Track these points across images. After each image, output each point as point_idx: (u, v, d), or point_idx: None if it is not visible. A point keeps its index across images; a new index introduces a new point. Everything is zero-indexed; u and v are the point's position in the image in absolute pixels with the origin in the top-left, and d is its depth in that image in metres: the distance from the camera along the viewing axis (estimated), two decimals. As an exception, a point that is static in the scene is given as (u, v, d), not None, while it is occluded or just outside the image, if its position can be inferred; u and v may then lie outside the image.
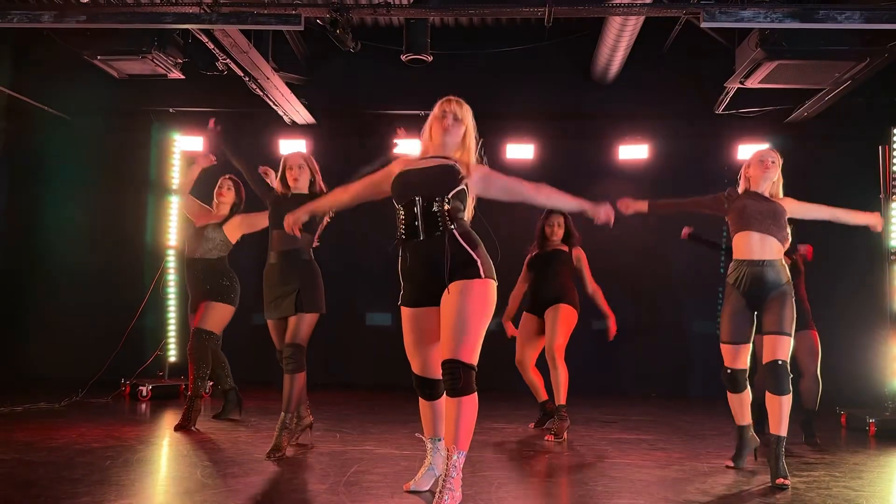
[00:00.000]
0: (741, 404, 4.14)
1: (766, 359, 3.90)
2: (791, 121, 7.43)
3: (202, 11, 5.11)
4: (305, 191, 4.53)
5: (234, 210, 5.37)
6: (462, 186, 3.22)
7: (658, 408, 6.78)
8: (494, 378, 7.31)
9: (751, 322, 4.06)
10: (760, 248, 4.00)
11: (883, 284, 6.16)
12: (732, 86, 6.58)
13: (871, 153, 6.41)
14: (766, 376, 3.90)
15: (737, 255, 4.10)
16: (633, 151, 7.76)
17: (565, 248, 5.37)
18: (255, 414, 5.73)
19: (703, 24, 5.01)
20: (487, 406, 6.48)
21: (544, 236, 5.43)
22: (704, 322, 7.65)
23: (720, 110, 7.29)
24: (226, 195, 5.38)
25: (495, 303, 3.16)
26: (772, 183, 4.17)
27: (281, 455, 4.12)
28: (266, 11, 5.18)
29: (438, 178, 3.22)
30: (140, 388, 6.57)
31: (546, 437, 5.04)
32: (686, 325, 7.80)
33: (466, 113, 3.40)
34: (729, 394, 4.15)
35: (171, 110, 7.88)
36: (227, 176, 5.41)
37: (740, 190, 4.23)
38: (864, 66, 5.94)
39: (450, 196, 3.17)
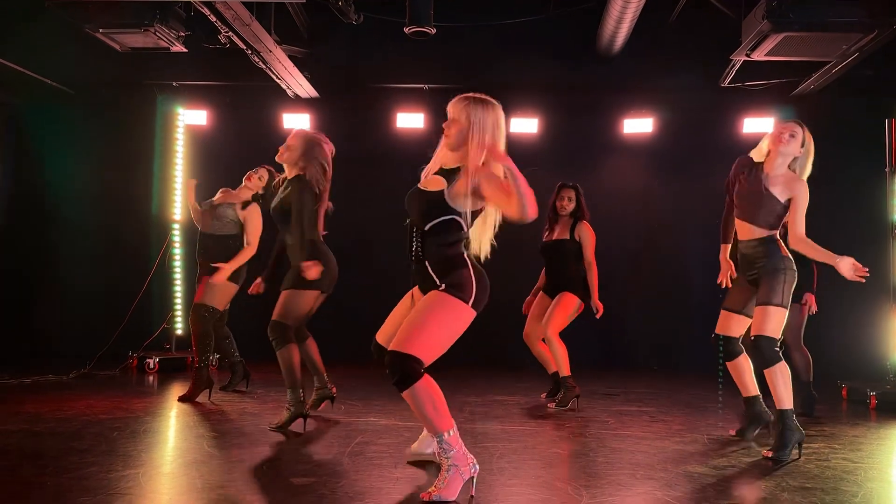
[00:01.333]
0: (738, 374, 4.16)
1: (752, 333, 3.92)
2: (797, 94, 7.37)
3: (204, -17, 5.06)
4: (295, 172, 4.47)
5: (254, 198, 5.39)
6: (446, 217, 3.00)
7: (661, 380, 6.82)
8: (499, 353, 7.39)
9: (749, 295, 4.08)
10: (748, 230, 4.04)
11: (885, 258, 6.16)
12: (738, 58, 6.51)
13: (878, 126, 6.37)
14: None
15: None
16: (638, 125, 7.72)
17: (567, 237, 5.35)
18: (262, 386, 5.80)
19: (709, -5, 4.94)
20: (491, 379, 6.58)
21: (555, 210, 5.46)
22: (708, 295, 7.66)
23: (726, 83, 7.24)
24: (252, 181, 5.45)
25: (459, 320, 2.95)
26: (791, 158, 3.98)
27: (281, 426, 4.19)
28: (268, -17, 5.13)
29: (420, 209, 3.05)
30: (147, 360, 6.64)
31: (548, 405, 5.16)
32: (690, 299, 7.81)
33: (463, 109, 3.05)
34: (726, 364, 4.19)
35: (174, 84, 7.86)
36: (265, 166, 5.45)
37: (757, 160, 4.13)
38: (871, 39, 5.87)
39: (428, 228, 3.02)
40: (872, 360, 6.73)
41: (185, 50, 6.65)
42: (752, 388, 4.17)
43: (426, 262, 3.04)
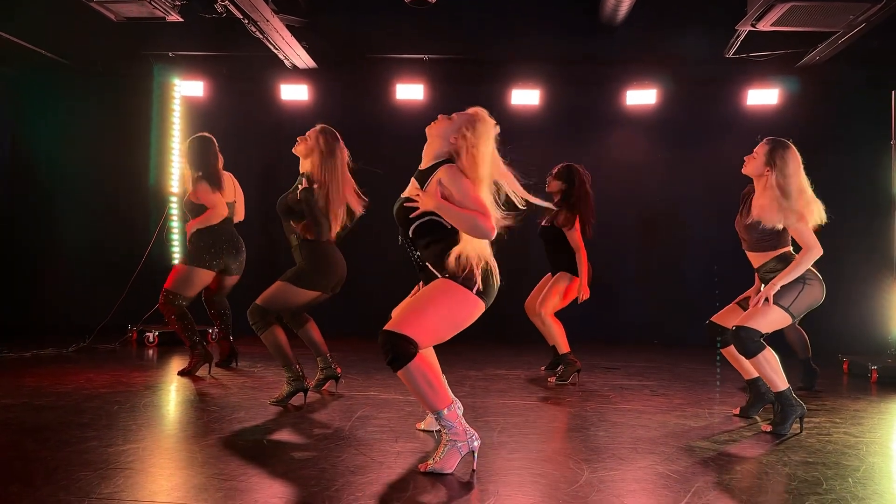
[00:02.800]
0: (734, 359, 4.13)
1: (735, 322, 3.87)
2: (803, 64, 7.26)
3: (199, -49, 4.95)
4: (307, 166, 4.35)
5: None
6: (425, 219, 2.99)
7: (661, 355, 6.82)
8: (499, 326, 7.38)
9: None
10: (756, 259, 4.02)
11: (887, 232, 6.13)
12: (744, 28, 6.40)
13: (885, 98, 6.30)
14: None
15: None
16: (641, 97, 7.62)
17: (560, 222, 5.25)
18: (262, 360, 5.80)
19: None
20: (492, 353, 6.58)
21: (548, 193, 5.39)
22: (708, 268, 7.65)
23: (730, 54, 7.13)
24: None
25: (460, 305, 2.92)
26: (762, 180, 3.83)
27: (279, 401, 4.19)
28: (265, -49, 5.02)
29: (400, 216, 3.07)
30: (147, 334, 6.63)
31: (549, 379, 5.17)
32: (691, 272, 7.78)
33: (444, 124, 3.08)
34: (721, 351, 4.20)
35: (170, 54, 7.75)
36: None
37: None
38: (879, 9, 5.76)
39: (411, 233, 3.05)
40: (873, 333, 6.72)
41: (181, 19, 6.53)
42: (750, 370, 4.14)
43: (427, 265, 3.06)
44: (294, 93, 7.85)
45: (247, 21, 6.53)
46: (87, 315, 6.95)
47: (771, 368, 3.75)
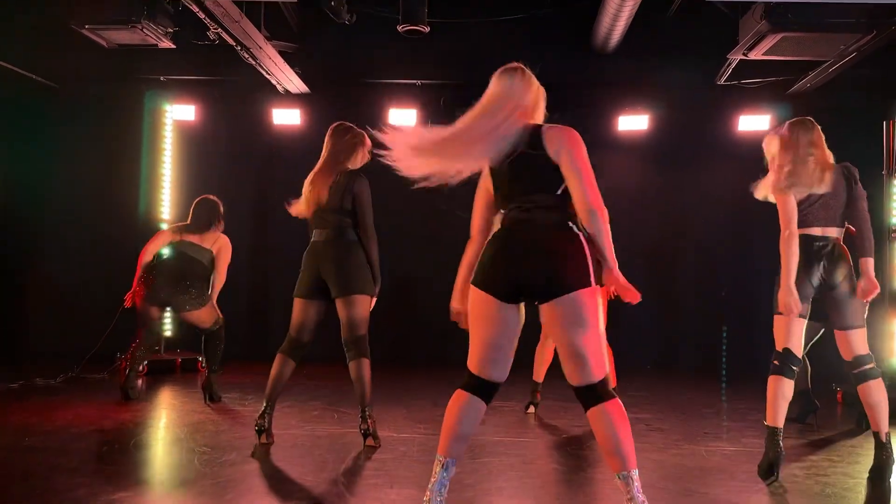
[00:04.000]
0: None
1: None
2: (794, 92, 7.30)
3: (191, -20, 4.93)
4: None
5: None
6: None
7: (655, 381, 6.79)
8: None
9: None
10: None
11: (882, 262, 6.12)
12: (736, 57, 6.44)
13: (876, 127, 6.31)
14: None
15: None
16: (633, 122, 7.64)
17: None
18: (255, 391, 5.71)
19: (707, -4, 4.86)
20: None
21: None
22: (702, 292, 7.66)
23: (722, 81, 7.16)
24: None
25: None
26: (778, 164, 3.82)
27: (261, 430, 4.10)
28: (258, -19, 5.00)
29: None
30: (141, 362, 6.53)
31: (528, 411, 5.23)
32: (685, 297, 7.78)
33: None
34: None
35: (162, 79, 7.71)
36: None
37: None
38: (870, 39, 5.80)
39: None
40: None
41: (173, 46, 6.51)
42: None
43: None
44: (287, 117, 7.81)
45: (240, 48, 6.51)
46: (76, 343, 6.85)
47: (769, 395, 3.62)
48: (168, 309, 5.72)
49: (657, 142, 7.67)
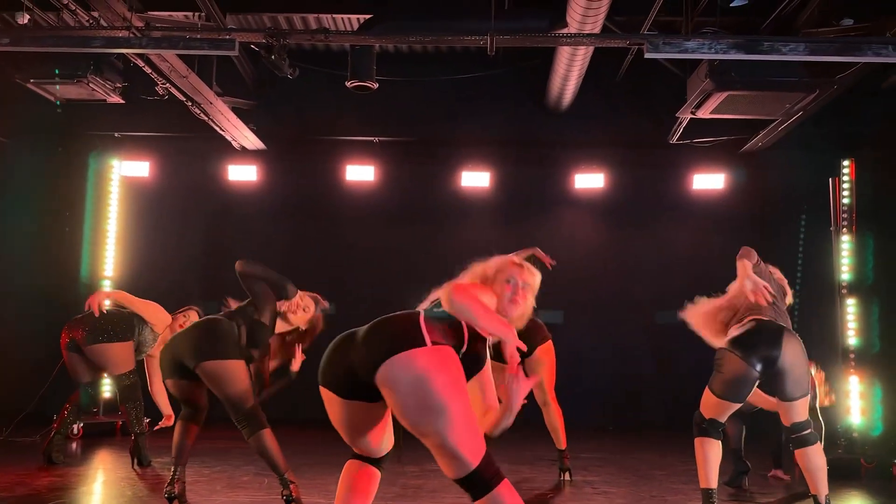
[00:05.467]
0: None
1: None
2: (746, 150, 7.37)
3: (132, 35, 4.92)
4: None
5: None
6: None
7: (613, 443, 6.61)
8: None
9: None
10: None
11: (834, 318, 6.08)
12: (684, 116, 6.50)
13: (825, 183, 6.35)
14: None
15: None
16: (589, 180, 7.66)
17: None
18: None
19: (647, 55, 4.92)
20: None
21: None
22: (661, 351, 7.55)
23: (674, 140, 7.21)
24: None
25: None
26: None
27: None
28: (199, 36, 5.01)
29: None
30: (71, 425, 6.26)
31: None
32: (643, 355, 7.68)
33: None
34: None
35: (116, 135, 7.65)
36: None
37: None
38: (813, 98, 5.90)
39: None
40: (823, 424, 6.57)
41: (122, 101, 6.50)
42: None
43: None
44: (243, 173, 7.76)
45: (190, 103, 6.49)
46: (10, 403, 6.56)
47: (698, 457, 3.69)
48: (98, 370, 5.42)
49: (613, 199, 7.68)
